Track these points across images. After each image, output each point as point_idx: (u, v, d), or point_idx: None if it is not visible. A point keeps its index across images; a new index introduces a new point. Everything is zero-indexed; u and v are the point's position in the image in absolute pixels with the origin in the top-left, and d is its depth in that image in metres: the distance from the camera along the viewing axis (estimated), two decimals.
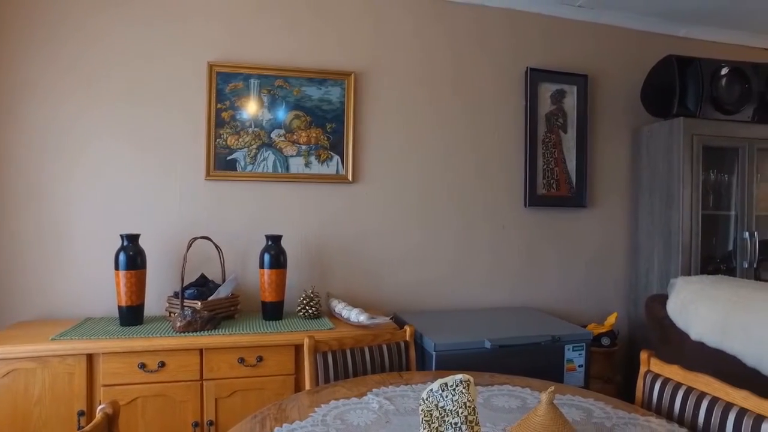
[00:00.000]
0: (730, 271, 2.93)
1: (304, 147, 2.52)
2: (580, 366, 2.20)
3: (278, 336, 2.00)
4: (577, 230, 3.01)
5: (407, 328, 1.93)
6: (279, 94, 2.48)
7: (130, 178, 2.34)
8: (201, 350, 1.92)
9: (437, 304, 2.76)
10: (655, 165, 2.92)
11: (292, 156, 2.50)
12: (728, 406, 1.38)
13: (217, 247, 2.35)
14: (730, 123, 2.83)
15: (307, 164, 2.52)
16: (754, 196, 2.91)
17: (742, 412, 1.34)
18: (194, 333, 1.97)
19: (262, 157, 2.47)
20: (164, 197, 2.38)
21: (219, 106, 2.40)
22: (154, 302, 2.33)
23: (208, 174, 2.40)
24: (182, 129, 2.40)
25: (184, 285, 2.15)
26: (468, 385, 1.17)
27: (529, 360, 2.13)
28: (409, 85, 2.71)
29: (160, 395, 1.87)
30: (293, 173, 2.51)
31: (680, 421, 1.48)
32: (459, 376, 1.19)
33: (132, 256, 2.04)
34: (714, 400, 1.41)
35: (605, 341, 2.66)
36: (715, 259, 3.00)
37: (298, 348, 2.02)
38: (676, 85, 2.75)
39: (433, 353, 2.03)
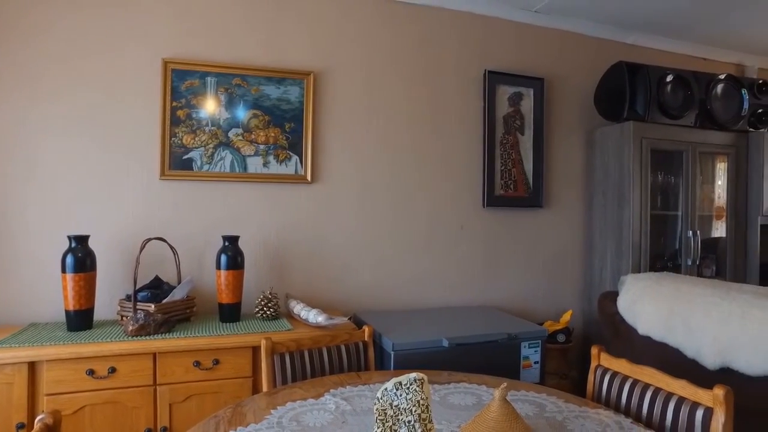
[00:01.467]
0: (676, 268, 3.06)
1: (262, 147, 2.48)
2: (535, 362, 2.26)
3: (235, 338, 1.97)
4: (534, 230, 3.09)
5: (366, 328, 1.93)
6: (237, 93, 2.44)
7: (78, 178, 2.25)
8: (154, 354, 1.86)
9: (397, 304, 2.78)
10: (608, 166, 3.03)
11: (250, 156, 2.47)
12: (669, 396, 1.44)
13: (172, 248, 2.29)
14: (675, 127, 2.96)
15: (266, 164, 2.49)
16: (697, 197, 3.06)
17: (681, 400, 1.41)
18: (147, 337, 1.91)
19: (219, 157, 2.42)
20: (116, 197, 2.30)
21: (174, 104, 2.34)
22: (106, 306, 2.24)
23: (162, 173, 2.33)
24: (135, 127, 2.32)
25: (136, 287, 2.09)
26: (422, 384, 1.18)
27: (487, 357, 2.17)
28: (370, 85, 2.72)
29: (110, 402, 1.81)
30: (251, 173, 2.47)
31: (627, 412, 1.54)
32: (413, 375, 1.20)
33: (80, 258, 1.96)
34: (657, 391, 1.48)
35: (561, 338, 2.74)
36: (663, 257, 3.13)
37: (255, 350, 1.99)
38: (626, 90, 2.86)
39: (392, 353, 2.04)
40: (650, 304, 2.12)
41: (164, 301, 2.10)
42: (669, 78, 2.91)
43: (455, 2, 2.86)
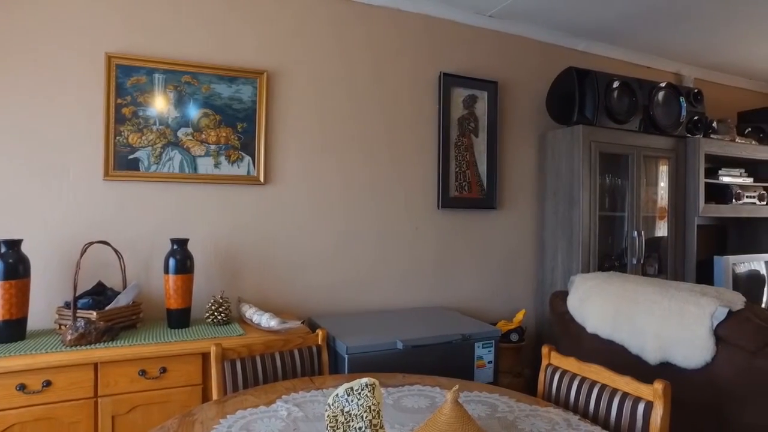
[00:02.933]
0: (623, 267, 3.19)
1: (213, 147, 2.41)
2: (489, 362, 2.29)
3: (184, 344, 1.90)
4: (488, 231, 3.14)
5: (319, 332, 1.91)
6: (186, 91, 2.36)
7: (11, 179, 2.12)
8: (96, 364, 1.77)
9: (352, 307, 2.76)
10: (559, 168, 3.11)
11: (200, 156, 2.39)
12: (614, 392, 1.49)
13: (116, 252, 2.18)
14: (621, 131, 3.08)
15: (217, 165, 2.42)
16: (641, 199, 3.20)
17: (624, 395, 1.46)
18: (88, 346, 1.81)
19: (167, 157, 2.33)
20: (54, 199, 2.17)
21: (119, 101, 2.24)
22: (42, 314, 2.12)
23: (106, 174, 2.22)
24: (76, 125, 2.20)
25: (76, 294, 1.98)
26: (373, 389, 1.17)
27: (442, 359, 2.19)
28: (324, 86, 2.69)
29: (43, 419, 1.69)
30: (202, 174, 2.39)
31: (576, 409, 1.58)
32: (364, 380, 1.18)
33: (12, 264, 1.84)
34: (603, 387, 1.53)
35: (514, 337, 2.79)
36: (610, 257, 3.25)
37: (205, 356, 1.92)
38: (576, 94, 2.95)
39: (346, 356, 2.02)
40: (598, 303, 2.20)
41: (107, 307, 2.00)
42: (615, 84, 3.03)
43: (411, 5, 2.87)
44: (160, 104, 2.31)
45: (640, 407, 1.41)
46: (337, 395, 1.17)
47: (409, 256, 2.90)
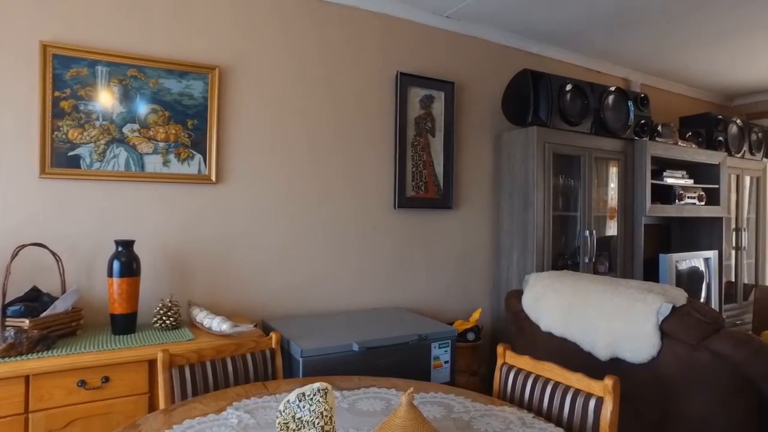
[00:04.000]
0: (575, 266, 3.27)
1: (162, 144, 2.31)
2: (446, 362, 2.29)
3: (128, 352, 1.80)
4: (444, 231, 3.16)
5: (273, 335, 1.86)
6: (133, 85, 2.24)
7: None
8: (27, 377, 1.64)
9: (308, 308, 2.71)
10: (514, 169, 3.16)
11: (148, 154, 2.28)
12: (566, 389, 1.52)
13: (54, 255, 2.05)
14: (574, 133, 3.16)
15: (166, 163, 2.32)
16: (593, 199, 3.29)
17: (576, 392, 1.49)
18: (19, 357, 1.69)
19: (112, 154, 2.21)
20: None
21: (57, 94, 2.10)
22: None
23: (43, 171, 2.09)
24: (6, 119, 2.06)
25: (6, 301, 1.84)
26: (326, 394, 1.14)
27: (398, 360, 2.17)
28: (279, 83, 2.62)
29: None
30: (150, 173, 2.28)
31: (530, 407, 1.59)
32: (316, 385, 1.15)
33: None
34: (556, 385, 1.55)
35: (470, 336, 2.81)
36: (564, 255, 3.33)
37: (152, 363, 1.83)
38: (531, 96, 3.01)
39: (300, 359, 1.97)
40: (551, 302, 2.24)
41: (42, 314, 1.87)
42: (568, 87, 3.10)
43: (366, 3, 2.85)
44: (103, 98, 2.19)
45: (592, 403, 1.44)
46: (288, 401, 1.13)
47: (366, 257, 2.88)
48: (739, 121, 4.32)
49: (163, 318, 2.09)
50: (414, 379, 1.90)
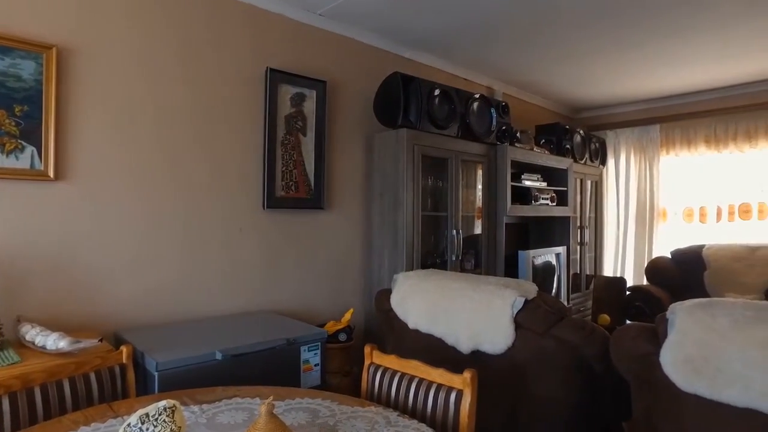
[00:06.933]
0: (444, 264, 3.43)
1: None
2: (316, 365, 2.25)
3: None
4: (316, 231, 3.11)
5: (123, 349, 1.68)
6: None
7: None
8: None
9: (167, 317, 2.49)
10: (385, 170, 3.22)
11: None
12: (430, 385, 1.57)
13: None
14: (442, 136, 3.31)
15: None
16: (460, 200, 3.48)
17: (439, 387, 1.55)
18: None
19: None
20: None
21: None
22: None
23: None
24: None
25: None
26: (173, 412, 1.04)
27: (266, 366, 2.08)
28: (133, 72, 2.37)
29: None
30: None
31: (396, 405, 1.61)
32: (162, 403, 1.04)
33: None
34: (420, 381, 1.59)
35: (342, 337, 2.81)
36: (433, 254, 3.48)
37: None
38: (401, 99, 3.08)
39: (156, 374, 1.80)
40: (417, 300, 2.31)
41: None
42: (437, 92, 3.24)
43: None
44: None
45: (452, 396, 1.50)
46: (129, 425, 1.01)
47: (232, 259, 2.72)
48: (581, 131, 4.88)
49: None
50: (283, 385, 1.84)
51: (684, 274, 4.35)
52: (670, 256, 4.59)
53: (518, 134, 4.05)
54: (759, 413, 1.38)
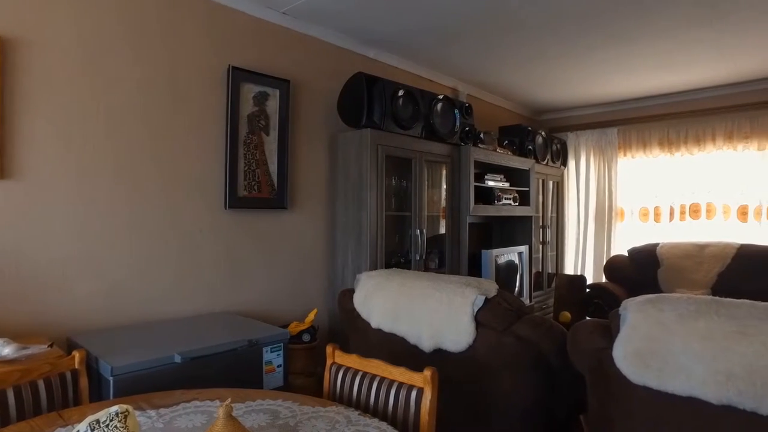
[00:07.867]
0: (408, 264, 3.45)
1: None
2: (279, 366, 2.23)
3: None
4: (279, 231, 3.08)
5: (76, 354, 1.62)
6: None
7: None
8: None
9: (124, 319, 2.41)
10: (348, 170, 3.22)
11: None
12: (391, 383, 1.58)
13: None
14: (406, 137, 3.33)
15: None
16: (424, 200, 3.51)
17: (400, 385, 1.56)
18: None
19: None
20: None
21: None
22: None
23: None
24: None
25: None
26: (125, 418, 1.01)
27: (228, 368, 2.05)
28: (81, 64, 2.28)
29: None
30: None
31: (358, 405, 1.62)
32: (114, 409, 1.02)
33: None
34: (382, 380, 1.60)
35: (306, 337, 2.79)
36: (397, 254, 3.50)
37: None
38: (365, 99, 3.08)
39: (111, 378, 1.75)
40: (380, 299, 2.32)
41: None
42: (401, 93, 3.25)
43: None
44: None
45: (413, 394, 1.52)
46: None
47: (193, 260, 2.67)
48: (543, 133, 5.00)
49: None
50: (245, 387, 1.81)
51: (640, 272, 4.52)
52: (627, 254, 4.76)
53: (482, 135, 4.12)
54: (699, 400, 1.45)
